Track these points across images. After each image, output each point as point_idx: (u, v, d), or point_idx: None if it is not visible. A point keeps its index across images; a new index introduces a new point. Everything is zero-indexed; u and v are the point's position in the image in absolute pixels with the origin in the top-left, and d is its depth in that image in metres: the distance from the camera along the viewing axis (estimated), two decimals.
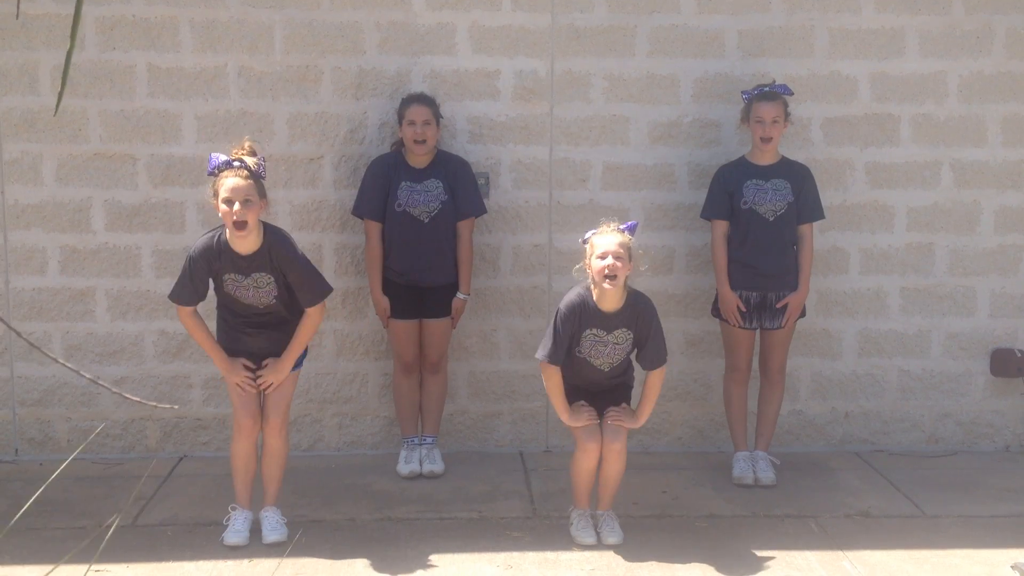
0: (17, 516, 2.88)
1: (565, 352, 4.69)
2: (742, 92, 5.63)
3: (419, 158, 5.55)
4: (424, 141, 5.48)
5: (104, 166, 5.81)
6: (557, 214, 5.99)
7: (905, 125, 6.05)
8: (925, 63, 6.02)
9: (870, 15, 5.97)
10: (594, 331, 4.68)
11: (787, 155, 5.69)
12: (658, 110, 5.96)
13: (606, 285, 4.58)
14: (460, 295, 5.67)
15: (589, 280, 4.68)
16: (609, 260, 4.54)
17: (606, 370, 4.75)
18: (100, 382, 2.02)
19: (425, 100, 5.55)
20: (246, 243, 4.60)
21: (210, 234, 4.71)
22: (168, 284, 5.82)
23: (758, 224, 5.49)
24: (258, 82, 5.78)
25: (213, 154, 4.70)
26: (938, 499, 5.44)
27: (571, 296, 4.74)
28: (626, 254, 4.57)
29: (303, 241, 5.86)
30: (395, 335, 5.67)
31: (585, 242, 4.71)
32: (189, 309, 4.73)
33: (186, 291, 4.70)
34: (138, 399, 2.79)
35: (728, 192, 5.54)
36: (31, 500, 2.88)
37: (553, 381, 4.73)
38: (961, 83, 6.04)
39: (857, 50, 5.99)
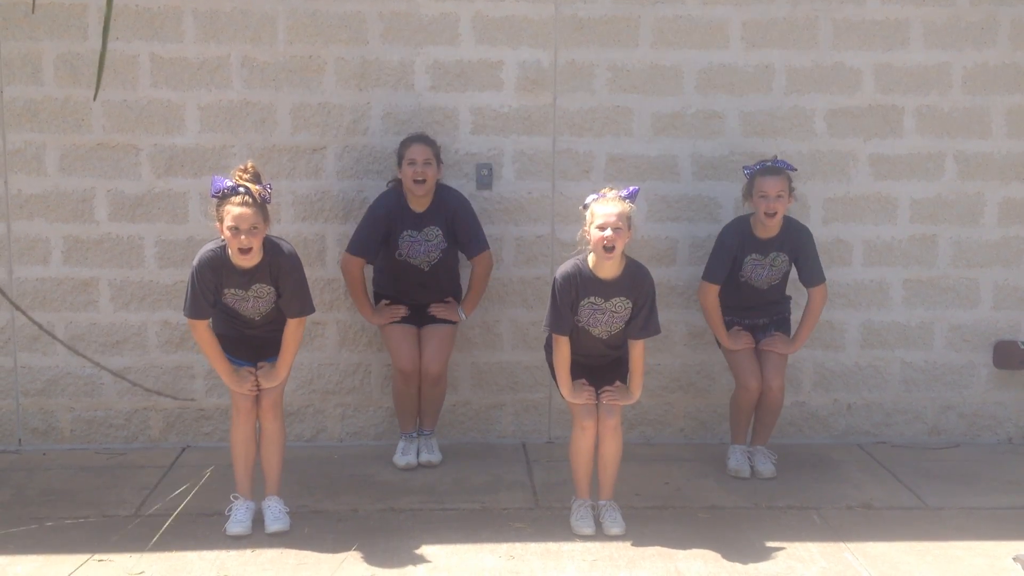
0: None
1: (569, 320, 4.73)
2: (744, 168, 5.60)
3: (419, 200, 5.52)
4: (424, 181, 5.45)
5: (107, 156, 5.81)
6: (560, 205, 5.99)
7: (909, 116, 6.04)
8: (929, 54, 6.00)
9: (874, 6, 5.95)
10: (592, 299, 4.71)
11: (790, 147, 5.68)
12: (662, 101, 5.95)
13: (604, 256, 4.63)
14: (461, 312, 5.68)
15: (589, 247, 4.73)
16: (608, 232, 4.58)
17: (605, 338, 4.78)
18: (148, 384, 2.01)
19: (426, 140, 5.54)
20: (247, 263, 4.69)
21: (212, 247, 4.76)
22: (171, 274, 5.88)
23: (751, 294, 5.58)
24: (261, 72, 5.78)
25: (217, 177, 4.74)
26: (940, 491, 5.44)
27: (566, 266, 4.79)
28: (625, 224, 4.62)
29: (306, 232, 5.89)
30: (391, 340, 5.62)
31: (586, 208, 4.74)
32: (204, 323, 4.76)
33: (199, 305, 4.73)
34: (156, 390, 2.79)
35: (732, 258, 5.53)
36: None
37: (560, 353, 4.78)
38: (965, 74, 6.03)
39: (861, 41, 5.98)
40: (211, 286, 4.72)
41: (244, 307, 4.78)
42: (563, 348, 4.77)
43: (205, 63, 5.78)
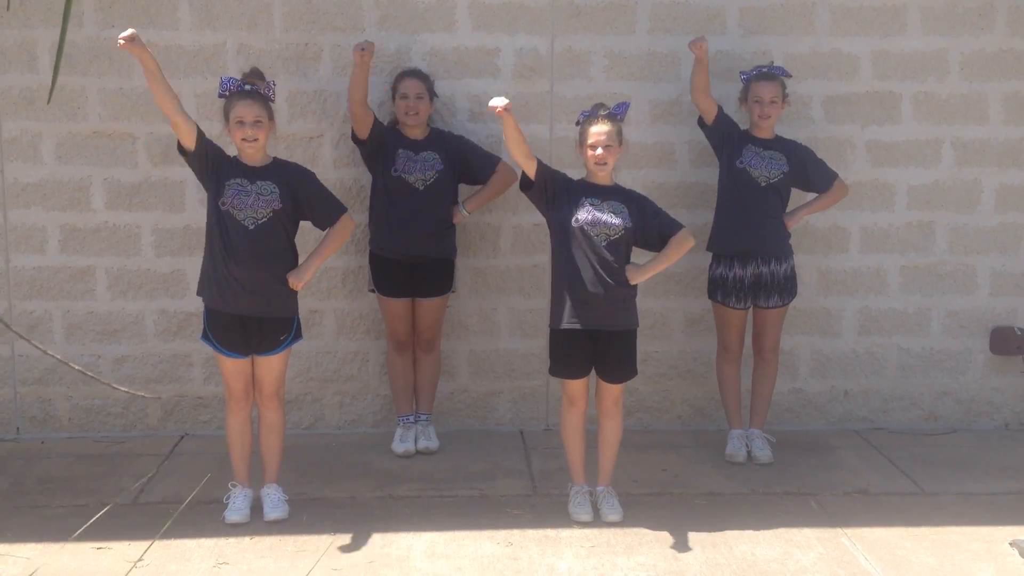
0: None
1: (547, 171, 4.84)
2: (740, 73, 5.63)
3: (413, 131, 5.55)
4: (416, 114, 5.48)
5: (103, 144, 5.80)
6: None
7: (906, 103, 6.04)
8: (927, 40, 6.00)
9: None
10: (591, 199, 4.82)
11: (787, 133, 5.69)
12: (659, 88, 5.94)
13: (597, 171, 4.84)
14: (462, 208, 5.61)
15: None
16: (599, 151, 4.77)
17: (603, 244, 4.76)
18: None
19: (418, 74, 5.57)
20: (253, 154, 4.73)
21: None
22: (168, 263, 5.88)
23: (748, 186, 5.51)
24: (257, 60, 5.75)
25: (224, 76, 4.81)
26: (937, 477, 5.46)
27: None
28: (615, 141, 4.81)
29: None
30: (387, 313, 5.68)
31: (579, 124, 4.89)
32: (188, 119, 4.67)
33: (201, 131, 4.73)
34: (126, 388, 2.82)
35: (728, 131, 5.56)
36: None
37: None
38: (963, 61, 6.02)
39: (859, 27, 5.97)
40: (216, 155, 4.72)
41: (243, 203, 4.68)
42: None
43: (201, 50, 5.77)
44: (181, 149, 4.75)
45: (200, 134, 4.71)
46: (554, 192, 4.84)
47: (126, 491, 5.18)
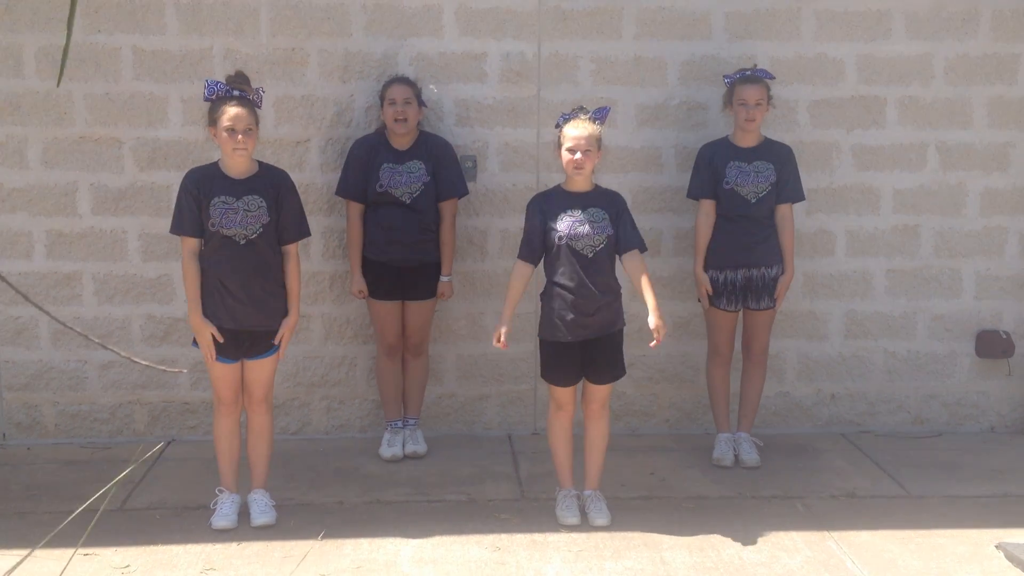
0: None
1: (538, 245, 4.79)
2: (724, 77, 5.64)
3: (401, 139, 5.55)
4: (405, 120, 5.48)
5: (90, 149, 5.79)
6: None
7: (891, 107, 6.07)
8: (911, 45, 6.03)
9: None
10: (570, 211, 4.78)
11: (773, 138, 5.70)
12: (645, 93, 5.96)
13: (574, 175, 4.78)
14: (444, 278, 5.67)
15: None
16: (578, 155, 4.71)
17: (590, 256, 4.74)
18: (124, 353, 2.01)
19: (405, 80, 5.58)
20: (242, 162, 4.69)
21: (202, 165, 4.80)
22: (155, 268, 5.86)
23: (740, 205, 5.51)
24: (244, 65, 5.74)
25: (209, 79, 4.77)
26: (923, 479, 5.48)
27: (539, 192, 4.99)
28: (594, 145, 4.75)
29: None
30: (377, 316, 5.68)
31: (558, 127, 4.84)
32: (191, 245, 4.71)
33: (181, 220, 4.72)
34: (147, 362, 2.78)
35: (712, 170, 5.55)
36: None
37: (514, 280, 4.83)
38: (947, 65, 6.05)
39: (844, 32, 6.00)
40: (192, 197, 4.68)
41: (231, 220, 4.66)
42: (518, 275, 4.82)
43: (188, 55, 5.76)
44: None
45: (197, 228, 4.71)
46: (544, 239, 4.80)
47: (113, 497, 5.15)
